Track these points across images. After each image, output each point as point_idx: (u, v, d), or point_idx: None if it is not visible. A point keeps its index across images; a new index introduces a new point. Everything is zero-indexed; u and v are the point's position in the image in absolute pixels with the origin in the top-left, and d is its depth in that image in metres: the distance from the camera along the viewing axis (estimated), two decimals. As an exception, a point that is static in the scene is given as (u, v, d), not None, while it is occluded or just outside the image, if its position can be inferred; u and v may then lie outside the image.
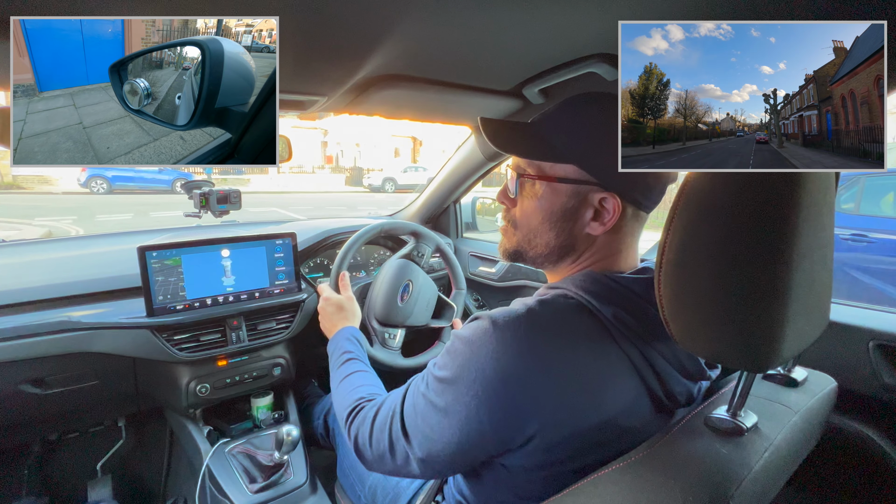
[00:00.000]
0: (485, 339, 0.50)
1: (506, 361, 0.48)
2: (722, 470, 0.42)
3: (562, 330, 0.50)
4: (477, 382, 0.49)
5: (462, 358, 0.52)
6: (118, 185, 11.74)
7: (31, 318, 0.99)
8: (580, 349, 0.50)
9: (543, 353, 0.48)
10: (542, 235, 0.59)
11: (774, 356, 0.41)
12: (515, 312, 0.51)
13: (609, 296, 0.52)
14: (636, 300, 0.52)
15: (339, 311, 1.05)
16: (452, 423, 0.52)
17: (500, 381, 0.48)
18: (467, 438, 0.51)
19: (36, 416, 1.08)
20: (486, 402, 0.49)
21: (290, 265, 1.23)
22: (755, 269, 0.40)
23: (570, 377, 0.48)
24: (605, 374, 0.50)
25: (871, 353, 0.82)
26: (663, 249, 0.44)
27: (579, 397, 0.48)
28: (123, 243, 1.30)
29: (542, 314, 0.51)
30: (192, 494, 1.11)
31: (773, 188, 0.39)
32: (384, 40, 0.64)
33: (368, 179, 16.80)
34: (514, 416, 0.49)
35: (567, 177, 0.56)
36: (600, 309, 0.51)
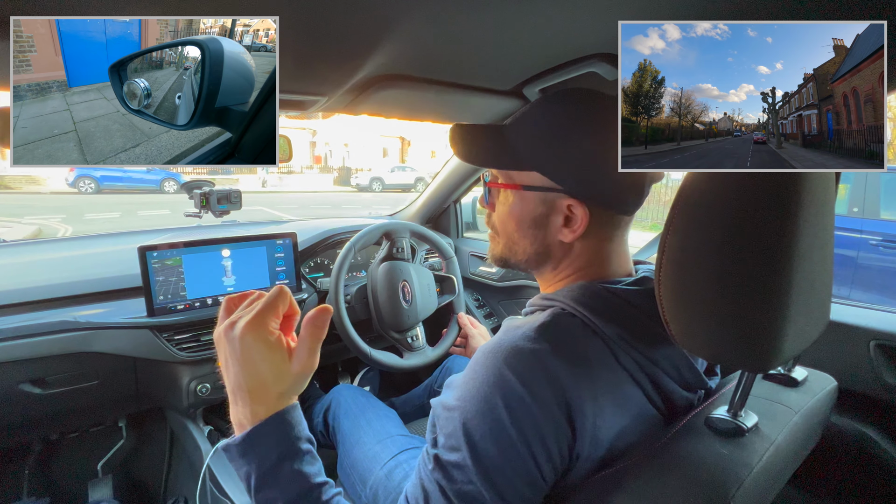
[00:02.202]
0: (488, 383, 0.46)
1: (514, 404, 0.44)
2: (723, 470, 0.41)
3: (573, 357, 0.47)
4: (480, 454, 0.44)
5: (458, 430, 0.45)
6: (106, 184, 11.79)
7: (31, 318, 0.99)
8: (591, 377, 0.46)
9: (556, 383, 0.45)
10: (519, 243, 0.58)
11: (775, 356, 0.41)
12: (522, 349, 0.46)
13: (609, 312, 0.50)
14: (636, 315, 0.50)
15: (277, 375, 0.49)
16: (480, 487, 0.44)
17: (514, 424, 0.44)
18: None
19: (36, 416, 1.08)
20: (496, 469, 0.44)
21: (290, 265, 1.23)
22: (755, 268, 0.40)
23: (584, 409, 0.45)
24: (615, 398, 0.48)
25: (872, 352, 0.82)
26: (663, 249, 0.44)
27: (595, 428, 0.46)
28: (124, 243, 1.30)
29: (549, 343, 0.47)
30: (192, 494, 1.11)
31: (773, 188, 0.39)
32: (384, 40, 0.64)
33: (356, 179, 16.98)
34: (534, 467, 0.44)
35: (532, 184, 0.54)
36: (602, 328, 0.49)
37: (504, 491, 0.44)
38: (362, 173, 17.34)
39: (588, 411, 0.45)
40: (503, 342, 0.48)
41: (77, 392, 1.07)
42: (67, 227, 7.46)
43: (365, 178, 16.55)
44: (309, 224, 1.53)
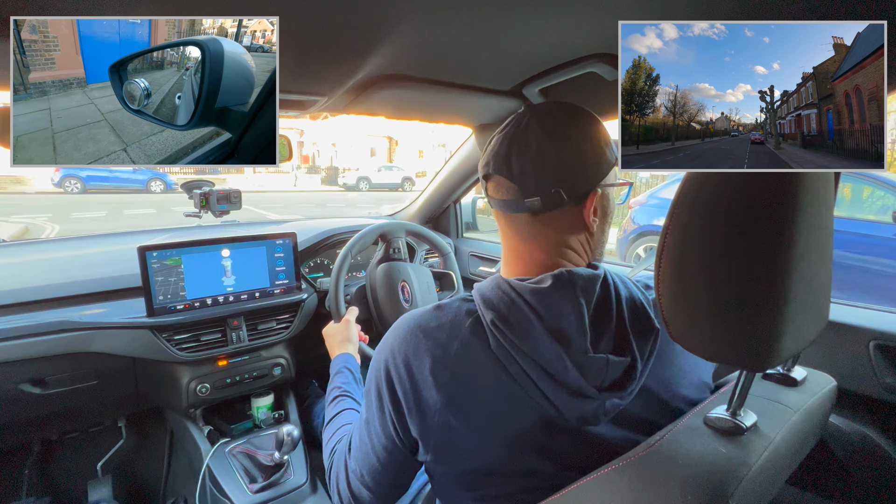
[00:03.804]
0: (384, 344, 0.55)
1: (393, 364, 0.52)
2: (721, 469, 0.42)
3: (446, 335, 0.51)
4: (376, 388, 0.54)
5: (372, 364, 0.56)
6: (92, 184, 11.83)
7: (31, 318, 0.99)
8: (454, 355, 0.49)
9: (426, 357, 0.50)
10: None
11: (774, 355, 0.41)
12: (409, 317, 0.55)
13: (494, 300, 0.50)
14: (519, 306, 0.49)
15: (334, 336, 1.02)
16: (371, 430, 0.56)
17: (387, 384, 0.52)
18: (385, 444, 0.55)
19: (36, 416, 1.08)
20: (382, 405, 0.53)
21: (290, 265, 1.23)
22: (754, 268, 0.40)
23: (451, 383, 0.48)
24: (488, 383, 0.48)
25: (871, 353, 0.82)
26: (662, 249, 0.44)
27: (450, 404, 0.48)
28: (123, 243, 1.30)
29: (431, 317, 0.53)
30: (192, 494, 1.12)
31: (773, 188, 0.39)
32: (384, 40, 0.64)
33: (343, 179, 17.22)
34: (398, 417, 0.52)
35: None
36: (483, 313, 0.50)
37: (373, 439, 0.56)
38: (350, 173, 17.61)
39: (434, 386, 0.49)
40: (409, 313, 0.56)
41: (77, 392, 1.07)
42: (54, 225, 7.52)
43: (352, 177, 16.83)
44: (309, 224, 1.53)
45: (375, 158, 22.62)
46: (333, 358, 0.94)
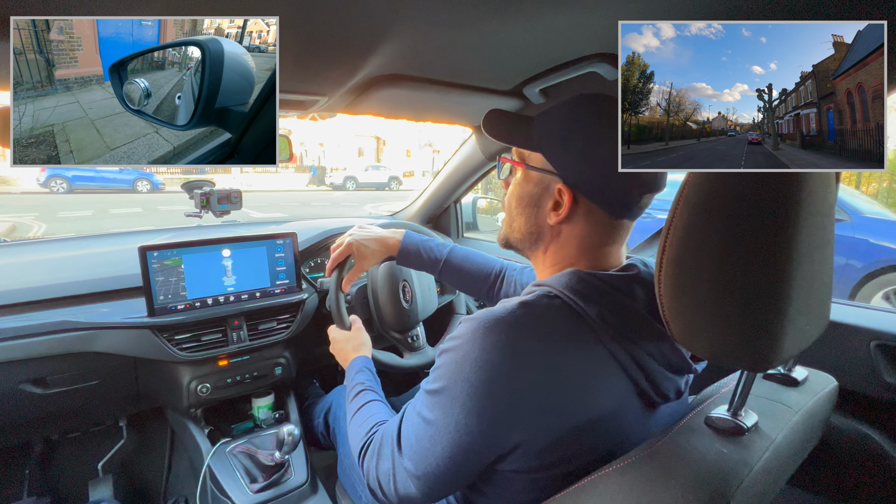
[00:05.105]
0: (469, 346, 0.50)
1: (489, 368, 0.48)
2: (722, 469, 0.41)
3: (546, 331, 0.50)
4: (463, 392, 0.49)
5: (448, 368, 0.52)
6: (78, 184, 11.83)
7: (31, 318, 0.99)
8: (565, 350, 0.49)
9: (528, 357, 0.48)
10: (517, 220, 0.63)
11: (775, 356, 0.41)
12: (498, 315, 0.50)
13: (592, 294, 0.52)
14: (618, 297, 0.52)
15: (349, 342, 0.97)
16: (443, 436, 0.51)
17: (485, 388, 0.48)
18: (459, 451, 0.51)
19: (37, 416, 1.09)
20: (474, 411, 0.49)
21: (290, 265, 1.23)
22: (755, 268, 0.40)
23: (557, 380, 0.48)
24: (592, 374, 0.49)
25: (872, 353, 0.82)
26: (663, 249, 0.44)
27: (567, 400, 0.48)
28: (124, 243, 1.30)
29: (526, 315, 0.51)
30: (192, 494, 1.12)
31: (774, 188, 0.39)
32: (384, 40, 0.64)
33: (331, 178, 17.47)
34: (500, 424, 0.49)
35: (535, 165, 0.60)
36: (585, 308, 0.51)
37: (442, 443, 0.52)
38: (337, 173, 17.86)
39: (552, 385, 0.48)
40: (484, 314, 0.52)
41: (77, 392, 1.07)
42: (41, 224, 7.60)
43: (339, 177, 17.07)
44: (309, 224, 1.53)
45: (363, 158, 22.74)
46: (351, 360, 0.91)
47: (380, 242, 1.01)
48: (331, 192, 16.50)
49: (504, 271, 1.01)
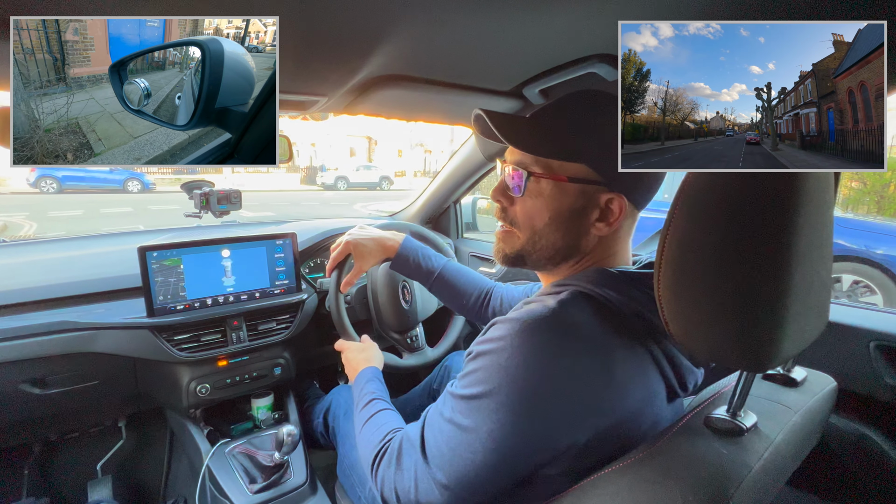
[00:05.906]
0: (512, 348, 0.47)
1: (538, 368, 0.46)
2: (722, 470, 0.41)
3: (588, 329, 0.49)
4: (511, 395, 0.47)
5: (488, 371, 0.49)
6: (69, 184, 11.87)
7: (31, 318, 0.99)
8: (606, 347, 0.49)
9: (574, 356, 0.47)
10: (548, 236, 0.57)
11: (774, 356, 0.41)
12: (542, 315, 0.48)
13: (624, 290, 0.52)
14: (648, 292, 0.52)
15: (362, 352, 0.96)
16: (484, 442, 0.48)
17: (534, 389, 0.46)
18: (502, 457, 0.48)
19: (36, 417, 1.08)
20: (524, 415, 0.47)
21: (290, 265, 1.23)
22: (755, 268, 0.40)
23: (602, 378, 0.48)
24: (631, 370, 0.50)
25: (871, 353, 0.82)
26: (663, 249, 0.44)
27: (611, 397, 0.48)
28: (123, 243, 1.30)
29: (568, 314, 0.49)
30: (192, 495, 1.11)
31: (772, 188, 0.39)
32: (384, 40, 0.64)
33: (322, 178, 17.57)
34: (552, 426, 0.47)
35: (577, 176, 0.55)
36: (619, 305, 0.51)
37: (475, 450, 0.49)
38: (328, 172, 17.98)
39: (599, 383, 0.48)
40: (525, 315, 0.49)
41: (77, 392, 1.07)
42: (32, 223, 7.69)
43: (330, 177, 17.20)
44: (309, 224, 1.53)
45: (355, 158, 22.84)
46: (362, 370, 0.89)
47: (378, 243, 1.01)
48: (321, 191, 16.64)
49: (492, 290, 1.02)
